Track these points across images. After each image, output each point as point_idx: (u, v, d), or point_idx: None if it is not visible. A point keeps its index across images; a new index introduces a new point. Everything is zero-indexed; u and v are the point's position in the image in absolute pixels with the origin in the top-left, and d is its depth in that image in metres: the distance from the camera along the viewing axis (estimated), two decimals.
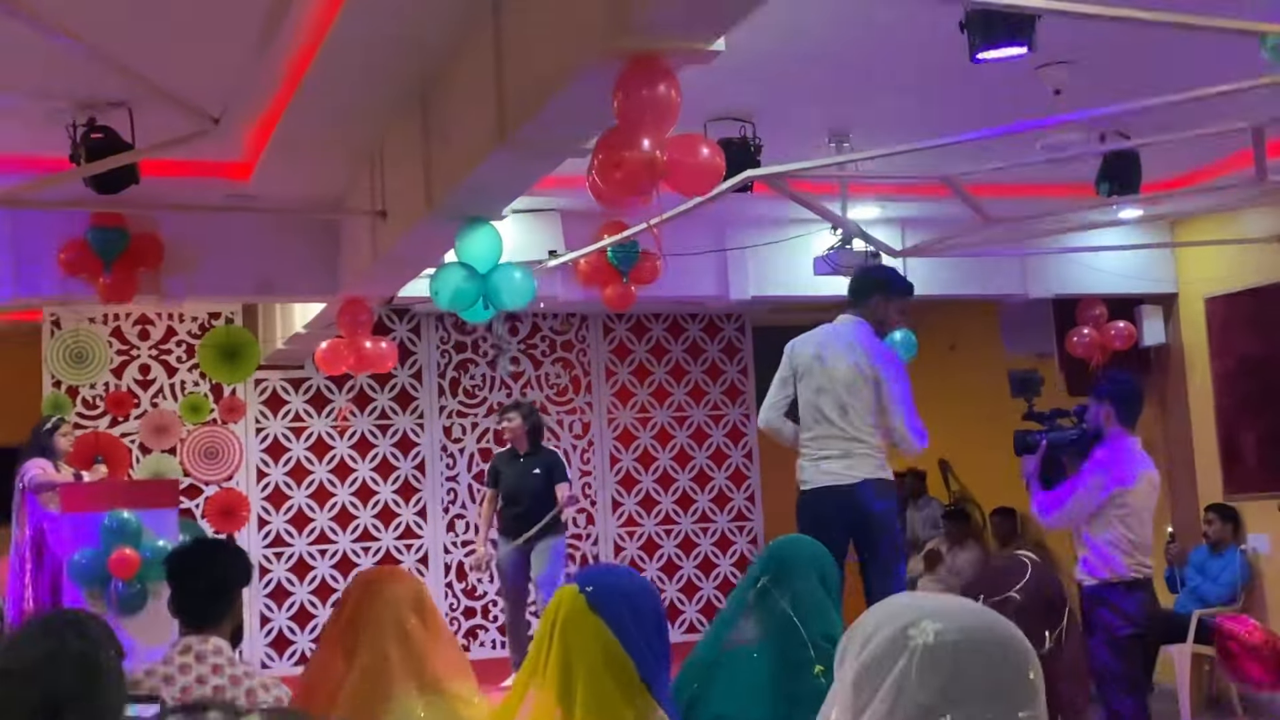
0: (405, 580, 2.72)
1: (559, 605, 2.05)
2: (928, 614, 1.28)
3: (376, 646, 2.56)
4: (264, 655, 9.79)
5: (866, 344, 5.50)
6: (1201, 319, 9.11)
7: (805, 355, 5.53)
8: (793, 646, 2.92)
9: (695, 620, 10.81)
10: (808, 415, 5.50)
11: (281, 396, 10.03)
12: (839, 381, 5.41)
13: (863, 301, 5.65)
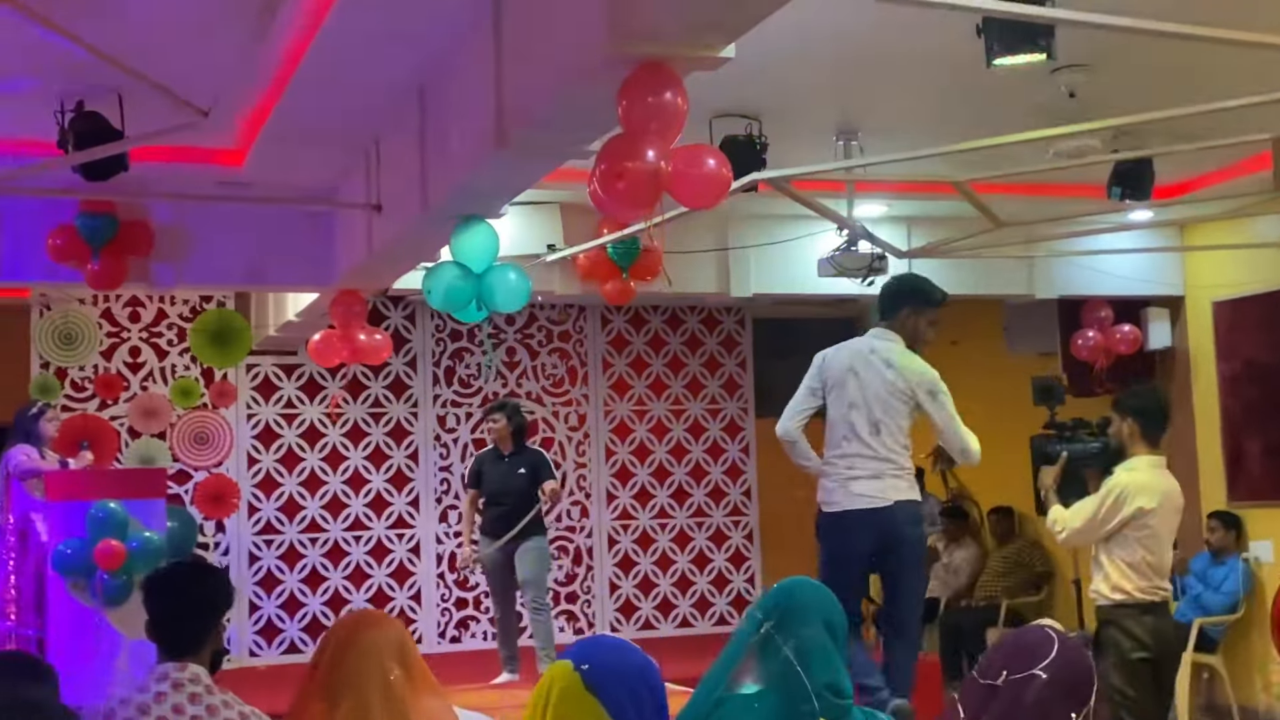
0: (387, 626, 2.56)
1: (552, 682, 1.92)
2: None
3: (358, 700, 2.41)
4: (252, 643, 9.68)
5: (902, 361, 5.31)
6: (1209, 323, 8.98)
7: (838, 368, 5.34)
8: (795, 697, 2.77)
9: (689, 615, 10.71)
10: (837, 432, 5.31)
11: (273, 382, 9.89)
12: (873, 398, 5.24)
13: (893, 315, 5.48)
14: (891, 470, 5.21)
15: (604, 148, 3.79)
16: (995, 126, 5.90)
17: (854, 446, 5.24)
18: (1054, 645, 2.11)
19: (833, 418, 5.29)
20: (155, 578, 3.41)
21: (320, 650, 2.55)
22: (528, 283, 5.74)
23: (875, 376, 5.26)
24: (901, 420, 5.27)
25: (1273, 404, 8.49)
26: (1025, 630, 2.22)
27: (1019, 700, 2.03)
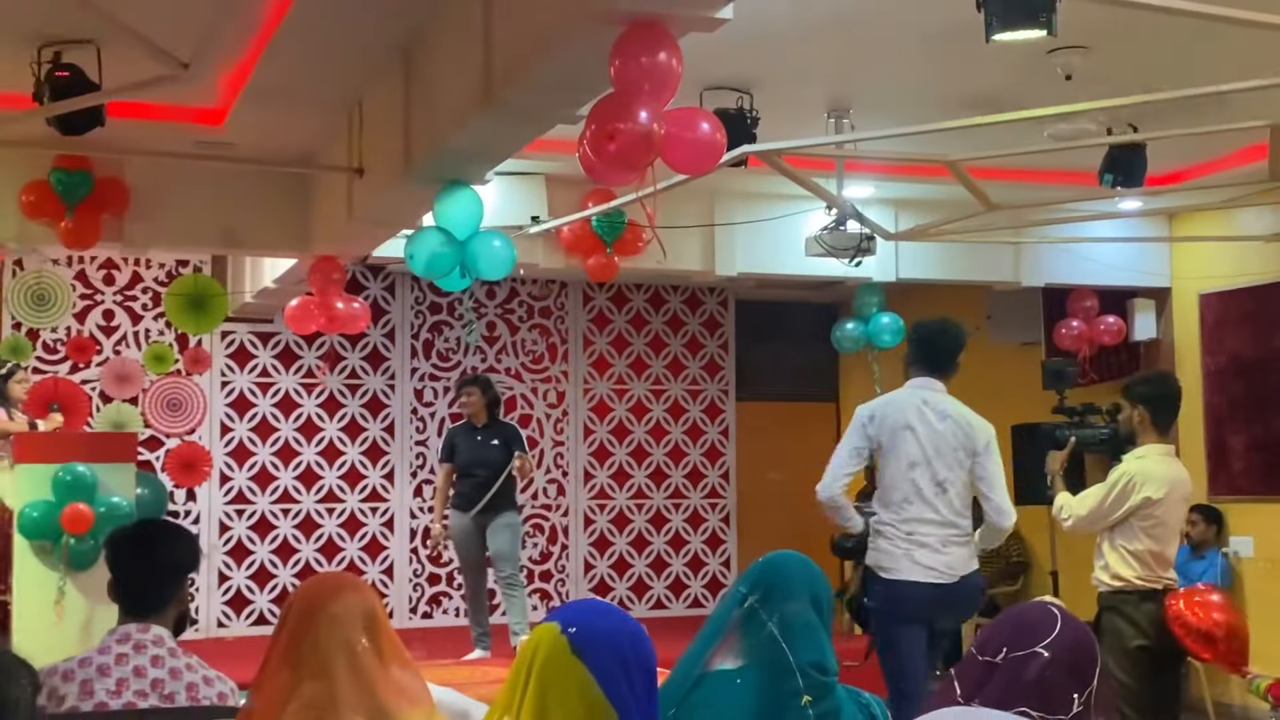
0: (355, 594, 2.41)
1: (537, 645, 1.82)
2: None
3: (322, 671, 2.29)
4: (220, 614, 9.56)
5: (957, 410, 4.99)
6: (1195, 315, 8.93)
7: (893, 424, 4.89)
8: (779, 674, 2.68)
9: (663, 596, 10.64)
10: (897, 493, 4.89)
11: (249, 350, 9.76)
12: (935, 454, 4.86)
13: (946, 368, 5.12)
14: (957, 536, 4.85)
15: (594, 108, 3.69)
16: (990, 107, 5.82)
17: (918, 509, 4.84)
18: (1057, 623, 2.02)
19: (890, 477, 4.88)
20: (120, 535, 3.30)
21: (284, 616, 2.42)
22: (512, 251, 5.63)
23: (934, 431, 4.89)
24: (965, 476, 4.90)
25: (1257, 399, 8.44)
26: (1027, 607, 2.13)
27: (1019, 678, 1.94)
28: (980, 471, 4.91)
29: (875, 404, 5.06)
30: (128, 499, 7.36)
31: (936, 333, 5.23)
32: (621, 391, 10.66)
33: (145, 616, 3.16)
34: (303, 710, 2.27)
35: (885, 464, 4.90)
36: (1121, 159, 6.59)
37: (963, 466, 4.86)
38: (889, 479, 4.88)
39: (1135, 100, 5.10)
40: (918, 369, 5.08)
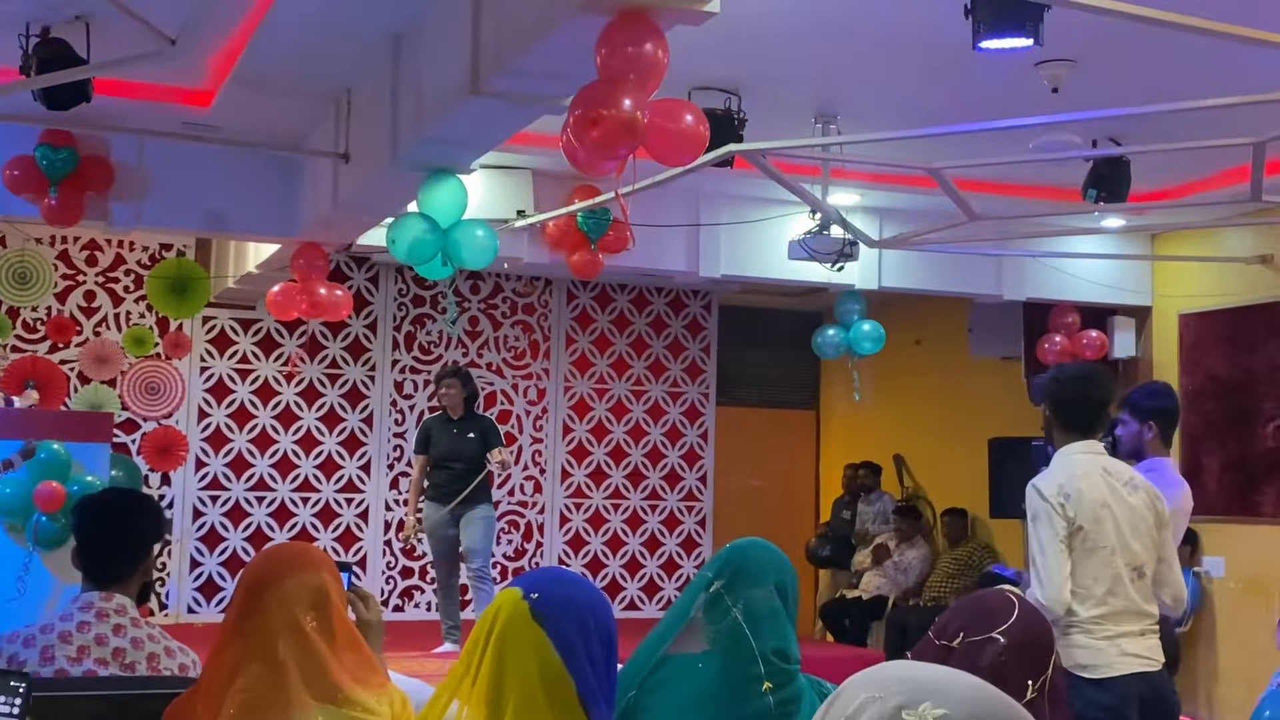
0: (308, 569, 2.34)
1: (498, 610, 1.81)
2: (927, 693, 1.05)
3: (269, 651, 2.26)
4: (191, 600, 9.53)
5: (1145, 483, 4.19)
6: (1174, 335, 8.97)
7: (1090, 503, 4.02)
8: (742, 660, 2.69)
9: (636, 597, 10.63)
10: (1099, 586, 4.01)
11: (230, 336, 9.73)
12: (1137, 538, 4.07)
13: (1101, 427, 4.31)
14: (1151, 624, 4.11)
15: (579, 94, 3.70)
16: (977, 119, 5.84)
17: (1121, 602, 4.04)
18: (1014, 610, 2.03)
19: (1095, 566, 4.03)
20: (87, 504, 3.29)
21: (236, 588, 2.39)
22: (495, 240, 5.63)
23: (1136, 512, 4.10)
24: (1156, 559, 4.14)
25: (1233, 420, 8.49)
26: (986, 594, 2.14)
27: (975, 663, 1.95)
28: (1166, 551, 4.18)
29: (1058, 477, 4.07)
30: (102, 479, 7.32)
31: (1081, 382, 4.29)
32: (602, 391, 10.66)
33: (109, 585, 3.15)
34: (248, 690, 2.23)
35: (1086, 552, 4.03)
36: (1105, 175, 6.63)
37: (1155, 551, 4.13)
38: (1091, 568, 4.03)
39: (1120, 113, 5.12)
40: (1072, 431, 4.18)
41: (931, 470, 10.81)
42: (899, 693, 1.05)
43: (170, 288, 8.58)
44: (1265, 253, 8.29)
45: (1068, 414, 4.18)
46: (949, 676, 1.09)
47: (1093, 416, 4.21)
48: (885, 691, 1.06)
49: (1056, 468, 4.12)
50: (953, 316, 10.20)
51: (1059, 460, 4.14)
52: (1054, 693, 1.98)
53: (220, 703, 2.22)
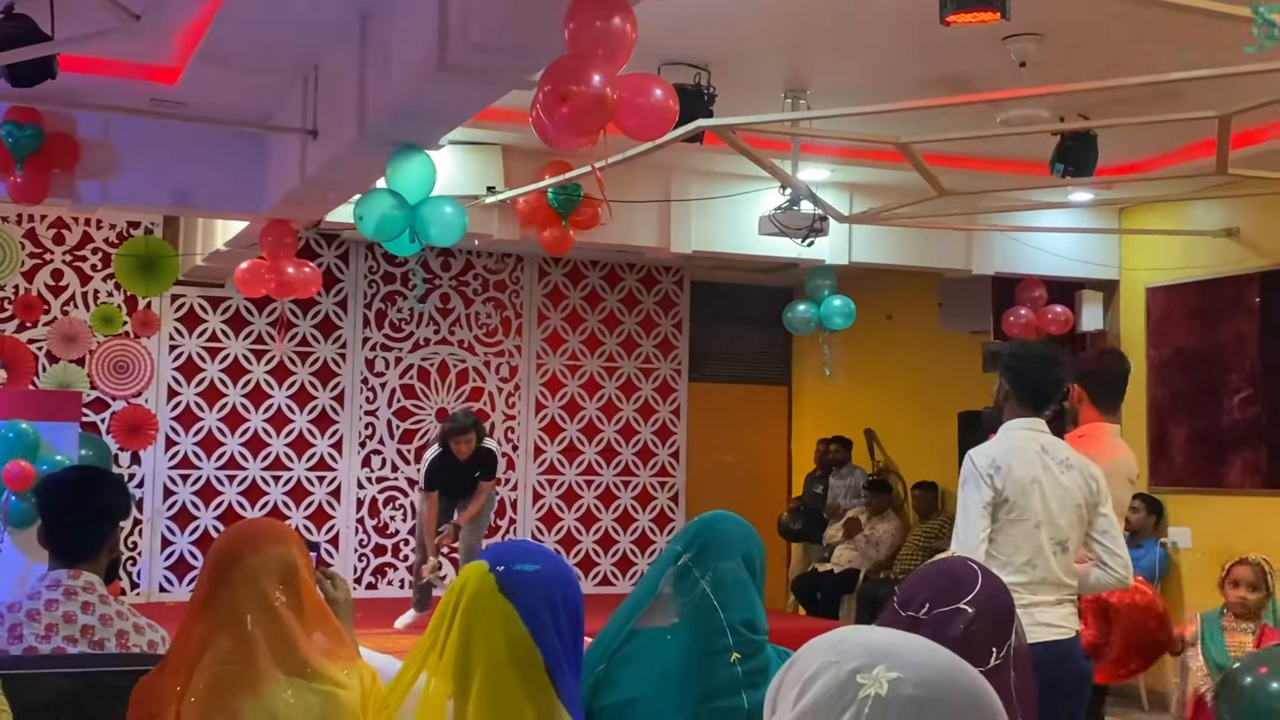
0: (276, 544, 2.37)
1: (465, 583, 1.82)
2: (881, 656, 1.06)
3: (238, 624, 2.27)
4: (163, 579, 9.50)
5: (1078, 459, 4.29)
6: (1141, 308, 9.04)
7: (1019, 478, 4.12)
8: (710, 632, 2.71)
9: (610, 573, 10.67)
10: (1020, 555, 4.11)
11: (199, 314, 9.69)
12: (1064, 514, 4.16)
13: (1050, 405, 4.41)
14: (1069, 594, 4.21)
15: (548, 70, 3.70)
16: (945, 93, 5.86)
17: (1041, 572, 4.13)
18: (978, 579, 2.05)
19: (1016, 538, 4.13)
20: (53, 482, 3.29)
21: (204, 564, 2.40)
22: (464, 217, 5.62)
23: (1065, 488, 4.18)
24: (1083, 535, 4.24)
25: (1199, 392, 8.56)
26: (950, 563, 2.16)
27: (944, 634, 1.97)
28: (1104, 525, 4.26)
29: (991, 453, 4.19)
30: (71, 459, 7.29)
31: (1044, 362, 4.35)
32: (574, 368, 10.67)
33: (76, 563, 3.15)
34: (216, 665, 2.24)
35: (1009, 524, 4.14)
36: (1073, 149, 6.65)
37: (1082, 527, 4.22)
38: (1014, 539, 4.14)
39: (1087, 87, 5.14)
40: (1023, 406, 4.25)
41: (902, 444, 10.87)
42: (854, 657, 1.07)
43: (138, 266, 8.53)
44: (1231, 226, 8.36)
45: (1024, 390, 4.26)
46: (902, 641, 1.11)
47: (1048, 395, 4.32)
48: (841, 656, 1.08)
49: (996, 441, 4.24)
50: (923, 291, 10.24)
51: (1001, 434, 4.26)
52: (1018, 657, 2.01)
53: (189, 677, 2.23)
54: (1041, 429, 4.27)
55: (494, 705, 1.74)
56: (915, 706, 1.03)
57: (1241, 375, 8.27)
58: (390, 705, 1.81)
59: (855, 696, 1.04)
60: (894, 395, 10.93)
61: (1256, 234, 8.25)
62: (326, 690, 2.25)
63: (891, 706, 1.03)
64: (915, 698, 1.03)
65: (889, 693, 1.04)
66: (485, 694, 1.75)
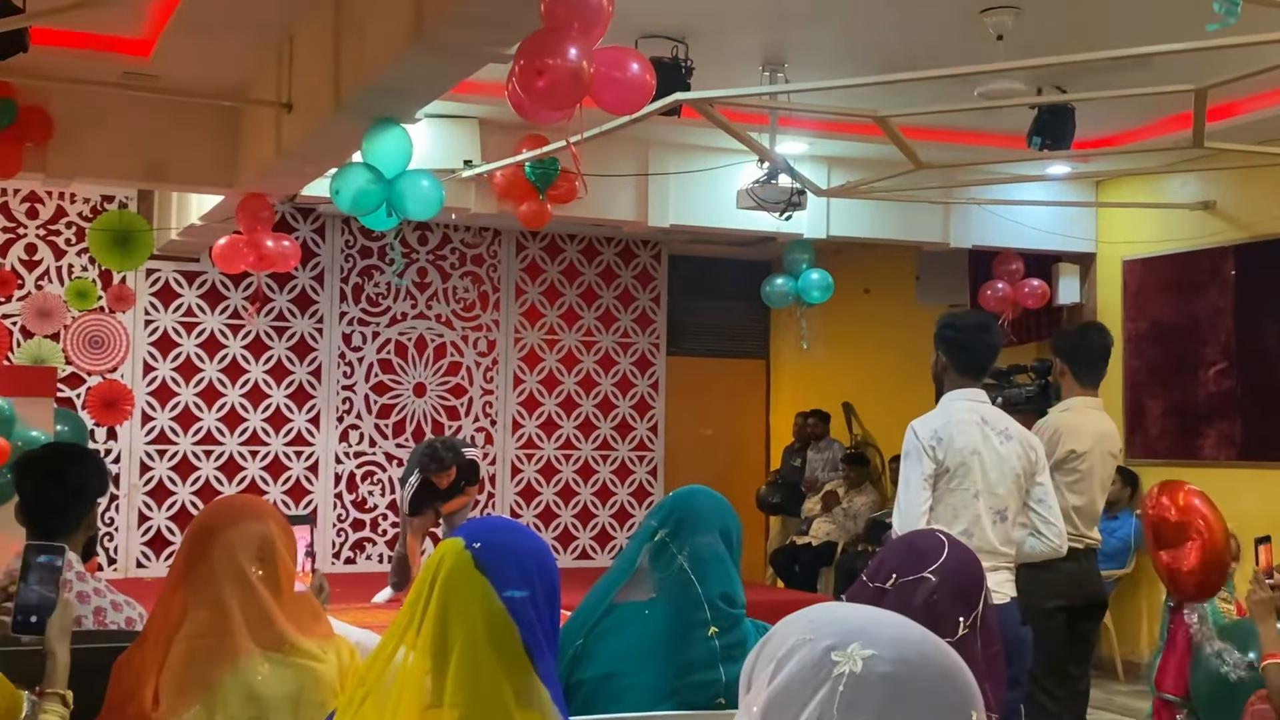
0: (254, 519, 2.39)
1: (441, 560, 1.82)
2: (855, 634, 1.07)
3: (214, 598, 2.29)
4: (140, 555, 9.48)
5: (1018, 429, 4.32)
6: (1118, 281, 9.07)
7: (960, 449, 4.16)
8: (688, 605, 2.72)
9: (588, 547, 10.69)
10: (958, 524, 4.14)
11: (174, 289, 9.63)
12: (1003, 484, 4.20)
13: (985, 374, 4.43)
14: (1005, 562, 4.25)
15: (524, 43, 3.68)
16: (923, 67, 5.85)
17: (977, 541, 4.12)
18: (944, 550, 2.07)
19: (954, 506, 4.19)
20: (29, 459, 3.27)
21: (184, 539, 2.42)
22: (441, 191, 5.59)
23: (1004, 458, 4.22)
24: (1021, 504, 4.30)
25: (1175, 365, 8.61)
26: (916, 534, 2.18)
27: (908, 603, 1.99)
28: (1040, 494, 4.32)
29: (933, 424, 4.21)
30: (46, 434, 7.25)
31: (979, 330, 4.36)
32: (552, 342, 10.66)
33: (53, 540, 3.13)
34: (193, 638, 2.26)
35: (949, 493, 4.19)
36: (1050, 121, 6.66)
37: (1020, 496, 4.27)
38: (951, 507, 4.19)
39: (1063, 60, 5.15)
40: (962, 376, 4.28)
41: (880, 417, 10.90)
42: (829, 635, 1.07)
43: (113, 240, 8.45)
44: (1208, 199, 8.39)
45: (961, 361, 4.28)
46: (877, 618, 1.11)
47: (983, 364, 4.35)
48: (815, 634, 1.08)
49: (937, 412, 4.27)
50: (900, 265, 10.26)
51: (942, 405, 4.29)
52: (985, 628, 2.02)
53: (166, 650, 2.24)
54: (982, 399, 4.30)
55: (472, 680, 1.74)
56: (889, 684, 1.04)
57: (1217, 348, 8.32)
58: (368, 681, 1.81)
59: (830, 674, 1.04)
60: (871, 369, 10.96)
61: (1232, 206, 8.29)
62: (303, 664, 2.26)
63: (866, 684, 1.04)
64: (889, 675, 1.04)
65: (863, 670, 1.04)
66: (463, 669, 1.75)
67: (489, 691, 1.75)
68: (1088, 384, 5.07)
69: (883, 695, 1.03)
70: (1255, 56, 5.30)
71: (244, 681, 2.23)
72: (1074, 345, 5.10)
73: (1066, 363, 5.08)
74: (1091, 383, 5.08)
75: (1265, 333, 8.03)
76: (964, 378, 4.27)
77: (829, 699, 1.03)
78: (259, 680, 2.23)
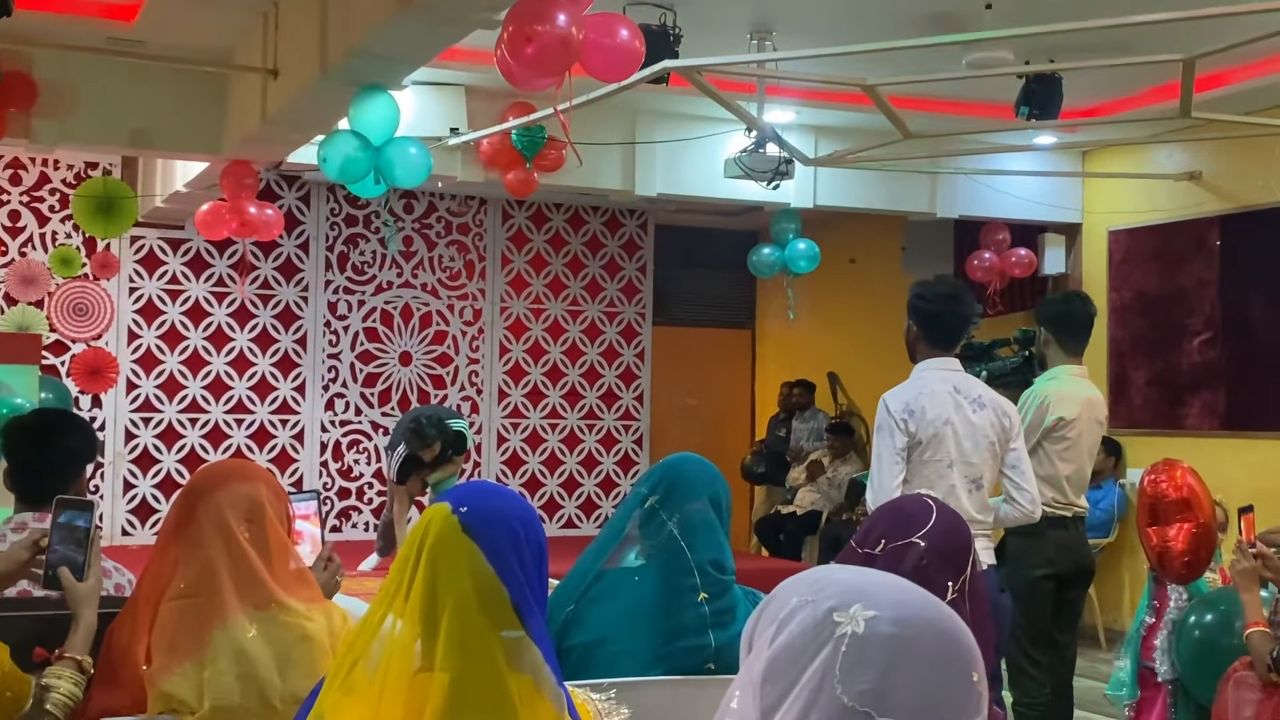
0: (243, 481, 2.42)
1: (428, 525, 1.82)
2: (857, 595, 1.07)
3: (204, 558, 2.31)
4: (125, 522, 9.47)
5: (991, 396, 4.31)
6: (1104, 251, 9.09)
7: (932, 420, 4.15)
8: (678, 572, 2.74)
9: (574, 516, 10.71)
10: (934, 493, 3.87)
11: (159, 256, 9.59)
12: (977, 453, 4.21)
13: (958, 342, 4.42)
14: (981, 530, 4.20)
15: (513, 9, 3.66)
16: (911, 34, 5.84)
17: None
18: (933, 514, 2.08)
19: (929, 477, 4.19)
20: (18, 424, 3.26)
21: (175, 501, 2.44)
22: (429, 158, 5.57)
23: (978, 428, 4.21)
24: (996, 473, 4.31)
25: (1159, 335, 8.64)
26: (905, 499, 2.20)
27: (897, 568, 1.99)
28: (1013, 460, 4.32)
29: (904, 394, 4.20)
30: (31, 402, 7.22)
31: (949, 299, 4.31)
32: (538, 311, 10.65)
33: (42, 505, 3.13)
34: (183, 597, 2.27)
35: (922, 463, 4.19)
36: (1038, 92, 6.65)
37: (995, 465, 4.27)
38: (926, 478, 4.19)
39: (1052, 29, 5.14)
40: (934, 346, 4.26)
41: (865, 388, 10.91)
42: (831, 596, 1.08)
43: (97, 207, 8.40)
44: (1194, 169, 8.40)
45: (932, 330, 4.25)
46: (879, 580, 1.12)
47: (955, 333, 4.33)
48: (817, 595, 1.09)
49: (909, 383, 4.25)
50: (887, 235, 10.26)
51: (914, 375, 4.27)
52: (974, 592, 2.04)
53: (156, 609, 2.25)
54: (954, 367, 4.28)
55: (462, 644, 1.75)
56: (892, 644, 1.04)
57: (1201, 318, 8.36)
58: (356, 649, 1.81)
59: (832, 635, 1.05)
60: (857, 339, 10.97)
61: (1218, 177, 8.30)
62: (292, 623, 2.28)
63: (868, 644, 1.04)
64: (892, 635, 1.05)
65: (865, 631, 1.05)
66: (453, 633, 1.75)
67: (480, 654, 1.75)
68: (1072, 352, 5.08)
69: (885, 656, 1.03)
70: (1242, 26, 5.30)
71: (233, 639, 2.25)
72: (1058, 314, 5.11)
73: (1051, 332, 5.09)
74: (1076, 351, 5.09)
75: (1250, 303, 8.06)
76: (935, 348, 4.25)
77: (831, 659, 1.04)
78: (248, 638, 2.25)
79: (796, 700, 1.04)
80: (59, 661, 2.29)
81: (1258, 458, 7.60)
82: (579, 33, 3.57)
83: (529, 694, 1.77)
